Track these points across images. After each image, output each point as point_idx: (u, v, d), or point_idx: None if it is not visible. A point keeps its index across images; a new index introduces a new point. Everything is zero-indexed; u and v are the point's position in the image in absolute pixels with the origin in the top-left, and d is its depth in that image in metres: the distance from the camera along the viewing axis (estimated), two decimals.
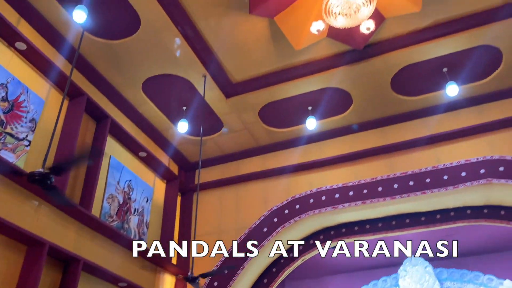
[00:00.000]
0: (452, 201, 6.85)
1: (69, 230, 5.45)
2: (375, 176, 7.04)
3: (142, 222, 6.91)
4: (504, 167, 6.32)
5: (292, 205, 7.36)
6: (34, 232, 4.83)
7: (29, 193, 4.93)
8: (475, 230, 9.46)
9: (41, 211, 5.09)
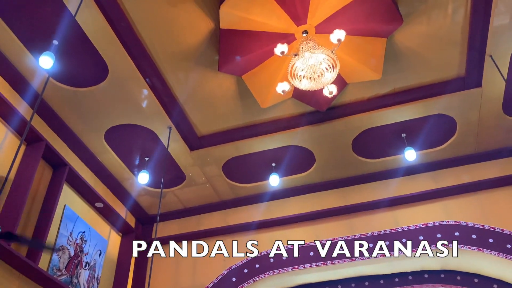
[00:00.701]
0: (410, 265, 6.88)
1: (12, 283, 5.06)
2: (335, 237, 7.04)
3: (93, 277, 6.53)
4: (459, 233, 6.47)
5: (252, 264, 7.19)
6: None
7: None
8: None
9: None
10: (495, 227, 6.33)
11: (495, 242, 6.21)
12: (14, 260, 4.97)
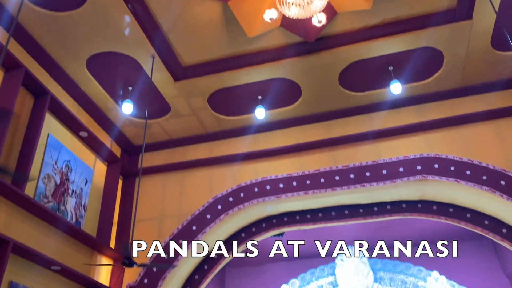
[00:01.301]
0: (389, 195, 7.14)
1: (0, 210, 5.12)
2: (318, 168, 7.20)
3: (80, 205, 6.65)
4: (438, 165, 6.67)
5: (237, 193, 7.38)
6: None
7: None
8: (409, 223, 9.98)
9: None
10: (473, 160, 6.54)
11: (472, 174, 6.44)
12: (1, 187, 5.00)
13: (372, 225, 10.02)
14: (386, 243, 11.06)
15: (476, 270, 10.47)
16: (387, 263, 10.56)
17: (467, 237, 10.51)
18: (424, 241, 10.89)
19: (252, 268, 12.11)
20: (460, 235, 10.47)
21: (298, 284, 10.75)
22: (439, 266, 10.14)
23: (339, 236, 10.67)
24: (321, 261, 11.12)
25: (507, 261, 10.20)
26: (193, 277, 7.43)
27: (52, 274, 5.87)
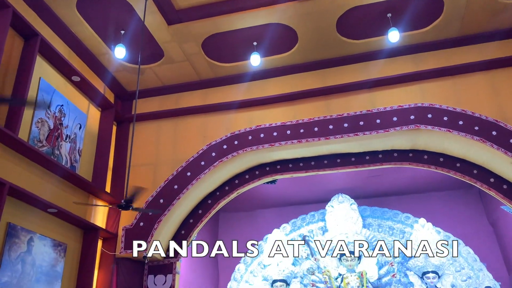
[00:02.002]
0: (381, 144, 7.22)
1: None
2: (312, 117, 7.21)
3: (74, 149, 6.67)
4: (432, 115, 6.71)
5: (231, 141, 7.42)
6: None
7: None
8: (399, 172, 10.17)
9: None
10: (466, 110, 6.57)
11: (464, 124, 6.50)
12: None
13: (363, 173, 10.20)
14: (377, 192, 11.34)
15: (462, 218, 10.82)
16: (375, 210, 10.85)
17: (455, 186, 10.78)
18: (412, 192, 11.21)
19: (245, 214, 12.42)
20: (448, 184, 10.72)
21: (289, 229, 11.06)
22: (426, 214, 10.44)
23: (330, 184, 10.88)
24: (311, 208, 11.38)
25: (492, 210, 10.53)
26: (188, 220, 7.62)
27: (49, 217, 5.99)
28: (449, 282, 9.53)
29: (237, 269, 11.11)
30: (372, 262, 9.89)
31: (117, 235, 7.08)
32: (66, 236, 6.30)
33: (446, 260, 9.79)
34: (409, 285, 9.87)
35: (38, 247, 5.68)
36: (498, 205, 8.28)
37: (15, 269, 5.27)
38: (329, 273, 9.92)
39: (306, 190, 11.34)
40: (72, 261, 6.38)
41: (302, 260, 10.54)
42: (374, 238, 10.26)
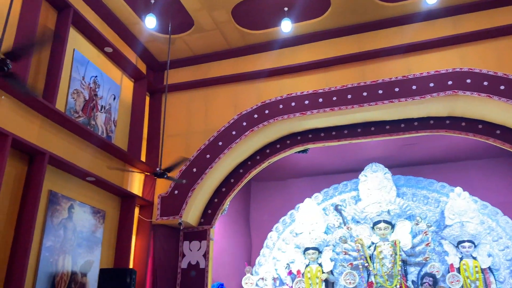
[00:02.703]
0: (417, 111, 7.02)
1: (33, 123, 5.31)
2: (345, 84, 7.06)
3: (109, 120, 6.81)
4: (471, 80, 6.43)
5: (262, 110, 7.38)
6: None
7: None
8: (435, 140, 9.90)
9: (2, 102, 4.89)
10: (508, 74, 6.26)
11: (506, 88, 6.20)
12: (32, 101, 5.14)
13: (398, 142, 9.98)
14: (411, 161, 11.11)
15: (500, 187, 10.50)
16: (410, 179, 10.66)
17: (493, 154, 10.42)
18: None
19: (276, 183, 12.48)
20: (487, 152, 10.38)
21: (321, 198, 11.06)
22: (462, 183, 10.19)
23: (363, 153, 10.74)
24: (344, 177, 11.31)
25: None
26: (220, 189, 7.73)
27: (88, 185, 6.21)
28: (486, 252, 9.35)
29: (269, 237, 11.27)
30: (406, 231, 9.79)
31: (153, 203, 7.28)
32: (105, 203, 6.53)
33: (483, 230, 9.58)
34: (443, 254, 9.75)
35: (78, 214, 5.92)
36: None
37: (58, 234, 5.53)
38: (361, 241, 9.91)
39: (339, 160, 11.24)
40: (111, 227, 6.62)
41: (334, 229, 10.57)
42: (408, 207, 10.13)
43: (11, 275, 4.69)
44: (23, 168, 5.17)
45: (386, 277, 9.43)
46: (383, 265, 9.49)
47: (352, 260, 9.96)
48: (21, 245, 4.81)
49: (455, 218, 9.54)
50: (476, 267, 9.19)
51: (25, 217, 4.93)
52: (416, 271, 9.81)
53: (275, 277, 10.40)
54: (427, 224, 9.84)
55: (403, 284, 9.32)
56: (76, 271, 5.75)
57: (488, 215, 9.90)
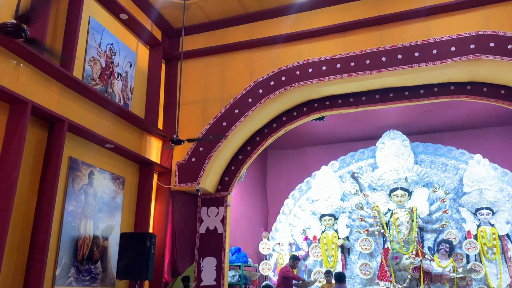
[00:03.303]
0: (437, 76, 6.86)
1: (52, 91, 5.37)
2: (364, 49, 6.90)
3: (126, 88, 6.84)
4: (494, 43, 6.21)
5: (278, 76, 7.30)
6: (15, 90, 4.75)
7: (6, 51, 4.73)
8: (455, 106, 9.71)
9: (21, 70, 4.94)
10: None
11: None
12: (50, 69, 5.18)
13: (417, 108, 9.82)
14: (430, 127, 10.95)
15: None
16: (429, 146, 10.55)
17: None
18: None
19: (293, 151, 12.50)
20: (508, 119, 10.15)
21: (338, 166, 11.05)
22: (482, 150, 10.04)
23: (382, 120, 10.62)
24: (361, 145, 11.25)
25: None
26: (237, 157, 7.78)
27: (107, 152, 6.31)
28: (504, 219, 9.31)
29: (285, 204, 11.39)
30: (423, 198, 9.78)
31: (171, 170, 7.38)
32: (124, 170, 6.65)
33: (502, 197, 9.50)
34: (461, 221, 9.74)
35: (98, 180, 6.05)
36: None
37: (79, 200, 5.68)
38: (378, 208, 9.94)
39: (356, 127, 11.16)
40: (131, 194, 6.76)
41: (350, 196, 10.61)
42: (426, 174, 10.07)
43: (36, 239, 4.86)
44: (43, 135, 5.27)
45: (402, 243, 9.49)
46: (400, 232, 9.54)
47: (368, 227, 10.04)
48: (44, 209, 4.96)
49: (473, 186, 9.47)
50: (493, 234, 9.18)
51: (47, 182, 5.06)
52: (433, 237, 9.85)
53: (291, 242, 10.58)
54: (445, 191, 9.80)
55: (419, 250, 9.38)
56: (97, 235, 5.93)
57: (508, 182, 9.79)
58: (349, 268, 10.07)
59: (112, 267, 6.07)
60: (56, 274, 5.18)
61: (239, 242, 10.06)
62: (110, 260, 6.10)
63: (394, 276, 9.21)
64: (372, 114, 10.19)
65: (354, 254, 10.31)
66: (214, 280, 7.18)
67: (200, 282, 7.21)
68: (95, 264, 5.83)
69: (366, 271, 9.76)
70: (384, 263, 9.54)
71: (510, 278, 8.98)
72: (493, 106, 7.99)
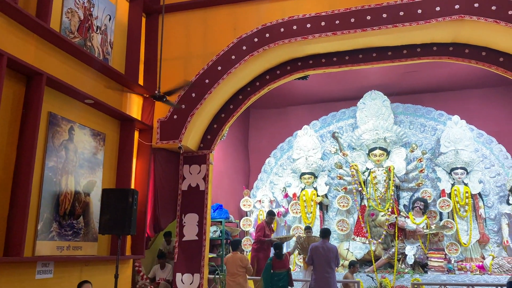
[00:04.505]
0: (420, 37, 6.86)
1: (28, 43, 5.18)
2: (349, 7, 6.81)
3: (106, 42, 6.64)
4: (479, 4, 6.20)
5: (262, 33, 7.17)
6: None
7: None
8: (436, 68, 9.80)
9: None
10: None
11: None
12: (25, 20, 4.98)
13: (399, 69, 9.88)
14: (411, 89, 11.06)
15: (498, 116, 10.59)
16: (408, 107, 10.70)
17: (494, 83, 10.37)
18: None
19: (275, 110, 12.52)
20: (487, 81, 10.32)
21: (319, 126, 11.17)
22: (461, 111, 10.24)
23: (363, 81, 10.66)
24: (343, 105, 11.34)
25: None
26: (219, 115, 7.76)
27: (87, 108, 6.20)
28: (477, 178, 9.65)
29: (267, 162, 11.53)
30: (401, 158, 10.02)
31: (152, 127, 7.32)
32: (104, 126, 6.57)
33: (477, 157, 9.80)
34: (436, 180, 10.05)
35: (78, 136, 5.97)
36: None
37: (60, 155, 5.62)
38: (356, 167, 10.16)
39: (338, 87, 11.20)
40: (112, 150, 6.72)
41: (330, 155, 10.79)
42: (405, 134, 10.27)
43: (16, 194, 4.83)
44: (21, 89, 5.12)
45: (378, 201, 9.79)
46: (377, 190, 9.81)
47: (346, 185, 10.30)
48: (23, 165, 4.90)
49: (450, 146, 9.73)
50: (466, 193, 9.52)
51: (26, 137, 4.97)
52: (408, 196, 10.19)
53: (272, 199, 10.79)
54: (422, 151, 10.06)
55: (395, 207, 9.71)
56: (79, 191, 5.93)
57: (483, 143, 10.08)
58: (327, 224, 10.38)
59: (95, 222, 6.12)
60: (38, 229, 5.19)
61: (221, 199, 10.22)
62: (92, 215, 6.14)
63: (370, 232, 9.56)
64: (355, 75, 10.22)
65: (332, 211, 10.62)
66: (196, 236, 7.32)
67: (182, 237, 7.35)
68: (77, 219, 5.85)
69: (343, 227, 10.09)
70: (360, 219, 9.86)
71: (479, 234, 9.42)
72: (472, 68, 8.08)
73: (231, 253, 6.91)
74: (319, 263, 6.73)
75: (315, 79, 10.17)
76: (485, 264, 9.00)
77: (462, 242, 9.33)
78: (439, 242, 9.53)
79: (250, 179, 12.39)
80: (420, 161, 9.96)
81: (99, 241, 6.24)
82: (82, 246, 5.90)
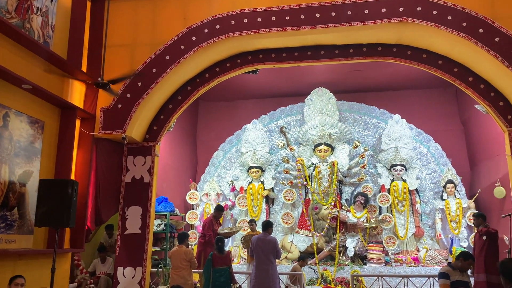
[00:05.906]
0: (367, 37, 7.07)
1: None
2: (299, 3, 6.89)
3: (46, 24, 6.29)
4: (421, 7, 6.49)
5: (213, 24, 7.10)
6: None
7: None
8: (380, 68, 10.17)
9: None
10: (457, 5, 6.37)
11: (453, 19, 6.34)
12: None
13: (345, 68, 10.16)
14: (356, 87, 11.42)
15: (435, 116, 11.18)
16: (353, 105, 11.05)
17: (433, 84, 10.93)
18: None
19: (224, 103, 12.47)
20: (427, 82, 10.85)
21: (268, 120, 11.28)
22: (402, 111, 10.70)
23: (311, 78, 10.86)
24: (291, 101, 11.50)
25: (465, 110, 10.87)
26: (167, 105, 7.60)
27: (24, 93, 5.85)
28: (415, 175, 10.13)
29: (215, 155, 11.48)
30: (344, 154, 10.32)
31: (95, 116, 7.05)
32: (43, 114, 6.24)
33: (415, 155, 10.29)
34: (376, 175, 10.47)
35: (14, 123, 5.63)
36: (472, 105, 8.50)
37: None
38: (302, 161, 10.36)
39: (287, 83, 11.34)
40: (51, 139, 6.40)
41: (278, 150, 10.93)
42: (348, 131, 10.59)
43: None
44: None
45: (322, 195, 10.05)
46: (321, 184, 10.06)
47: (292, 179, 10.47)
48: None
49: (390, 143, 10.14)
50: (404, 188, 9.98)
51: None
52: (350, 190, 10.54)
53: (219, 193, 10.77)
54: (364, 148, 10.43)
55: (337, 201, 10.01)
56: (14, 181, 5.60)
57: (421, 142, 10.61)
58: (272, 217, 10.52)
59: (31, 214, 5.81)
60: None
61: (167, 192, 10.05)
62: (28, 207, 5.82)
63: (313, 225, 9.79)
64: (303, 71, 10.39)
65: (277, 204, 10.77)
66: (139, 229, 7.15)
67: (124, 230, 7.15)
68: (11, 211, 5.53)
69: (288, 220, 10.27)
70: (304, 213, 10.08)
71: (415, 228, 9.92)
72: (413, 70, 8.45)
73: (176, 246, 6.80)
74: (258, 255, 6.80)
75: (265, 74, 10.24)
76: (419, 257, 9.50)
77: (399, 236, 9.78)
78: (378, 235, 9.93)
79: (197, 172, 12.29)
80: (362, 157, 10.31)
81: (35, 234, 5.94)
82: (16, 239, 5.59)
